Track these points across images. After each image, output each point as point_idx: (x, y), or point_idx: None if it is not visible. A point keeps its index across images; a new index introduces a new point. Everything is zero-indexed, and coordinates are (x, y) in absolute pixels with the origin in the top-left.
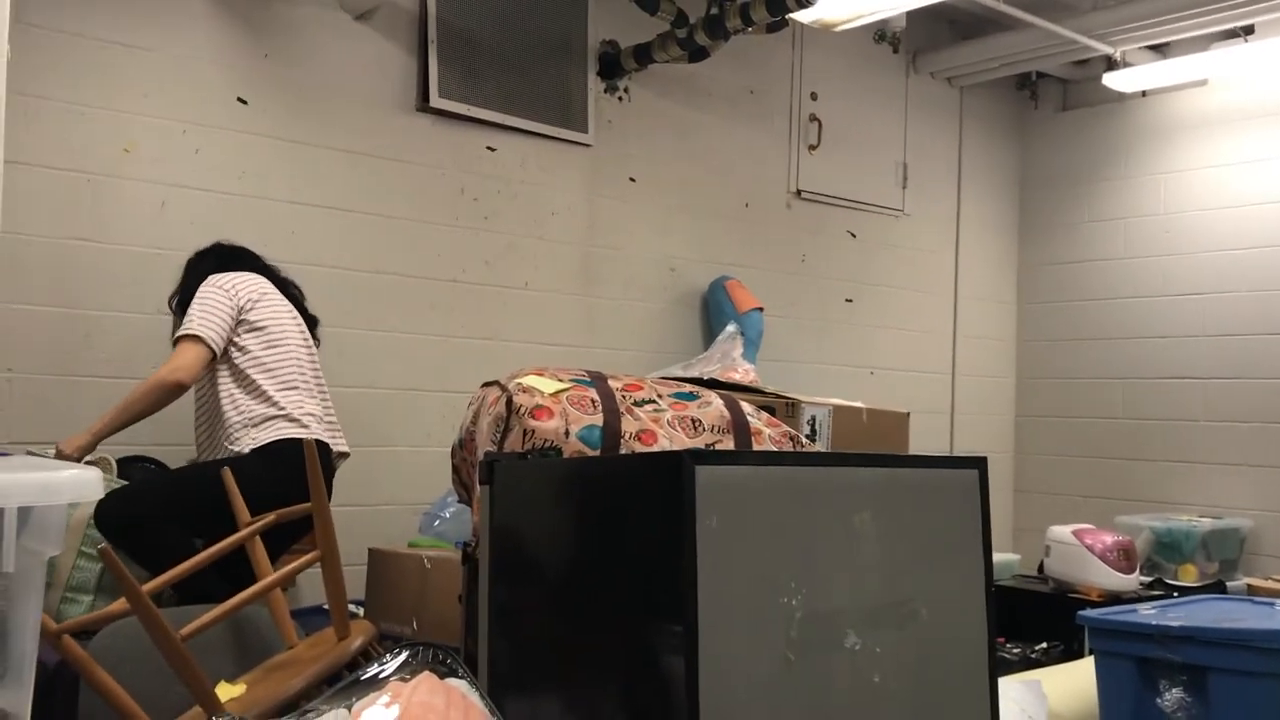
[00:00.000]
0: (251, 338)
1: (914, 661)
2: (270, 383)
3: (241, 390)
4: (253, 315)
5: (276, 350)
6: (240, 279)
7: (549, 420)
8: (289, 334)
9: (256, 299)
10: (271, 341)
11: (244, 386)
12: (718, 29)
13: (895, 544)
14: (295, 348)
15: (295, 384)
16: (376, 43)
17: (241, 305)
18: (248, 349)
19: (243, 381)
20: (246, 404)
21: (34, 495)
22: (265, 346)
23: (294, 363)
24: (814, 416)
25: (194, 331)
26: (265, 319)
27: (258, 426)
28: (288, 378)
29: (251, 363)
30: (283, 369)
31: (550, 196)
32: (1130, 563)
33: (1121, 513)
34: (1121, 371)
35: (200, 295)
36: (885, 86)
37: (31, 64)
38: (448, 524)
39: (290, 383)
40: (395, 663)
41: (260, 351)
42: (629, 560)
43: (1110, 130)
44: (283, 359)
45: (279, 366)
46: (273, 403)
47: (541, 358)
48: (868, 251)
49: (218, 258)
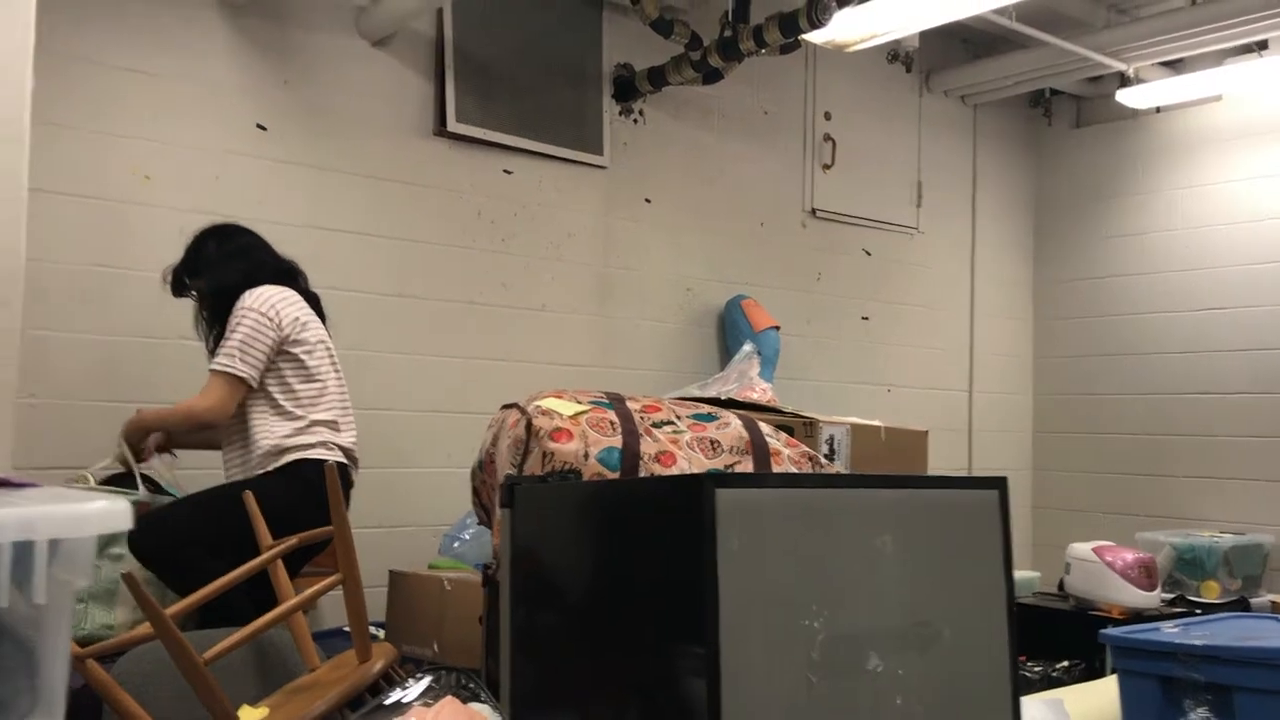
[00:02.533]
0: (291, 369)
1: (936, 683)
2: (306, 412)
3: (277, 417)
4: (295, 348)
5: (314, 383)
6: (283, 302)
7: (568, 443)
8: (324, 360)
9: (299, 327)
10: (310, 374)
11: (280, 414)
12: (731, 51)
13: (916, 565)
14: (329, 372)
15: (331, 407)
16: (394, 69)
17: (285, 336)
18: (288, 383)
19: (279, 411)
20: (280, 430)
21: (64, 528)
22: (304, 380)
23: (331, 390)
24: (832, 436)
25: (235, 372)
26: (305, 350)
27: (286, 452)
28: (324, 406)
29: (288, 396)
30: (321, 400)
31: (566, 218)
32: (1152, 580)
33: (1142, 529)
34: (1140, 387)
35: (243, 321)
36: (899, 105)
37: (54, 92)
38: (467, 545)
39: (326, 407)
40: (419, 688)
41: (299, 385)
42: (650, 583)
43: (1125, 147)
44: (320, 391)
45: (317, 399)
46: (305, 429)
47: (558, 379)
48: (883, 269)
49: (219, 240)
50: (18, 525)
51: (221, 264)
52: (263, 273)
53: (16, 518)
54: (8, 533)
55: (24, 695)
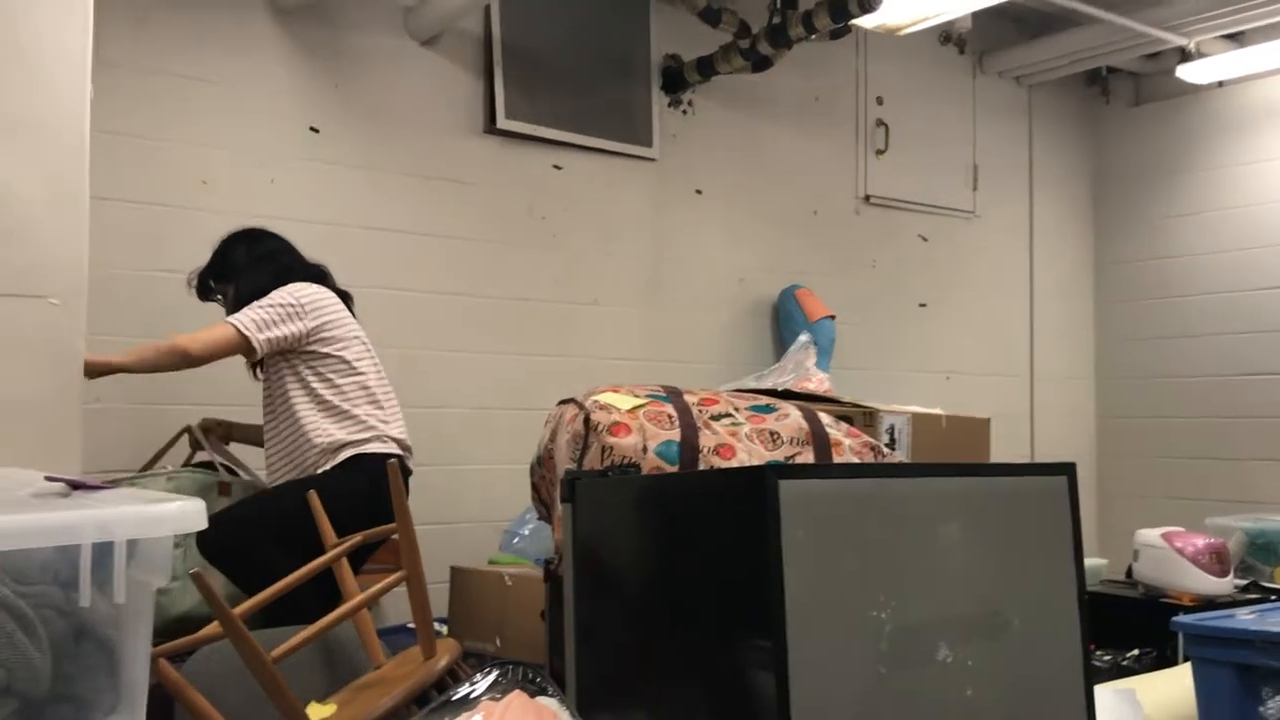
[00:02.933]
0: (331, 364)
1: (1007, 673)
2: (352, 406)
3: (325, 414)
4: (330, 345)
5: (356, 376)
6: (315, 296)
7: (627, 437)
8: (363, 354)
9: (332, 324)
10: (351, 368)
11: (327, 411)
12: (781, 38)
13: (984, 554)
14: (369, 365)
15: (375, 399)
16: (443, 68)
17: (310, 329)
18: (329, 378)
19: (325, 407)
20: (331, 426)
21: (140, 528)
22: (345, 374)
23: (373, 383)
24: (892, 425)
25: (243, 329)
26: (341, 346)
27: (343, 448)
28: (368, 398)
29: (333, 391)
30: (365, 393)
31: (617, 212)
32: (1224, 566)
33: (1211, 514)
34: (1206, 369)
35: (273, 300)
36: (952, 88)
37: (112, 102)
38: (526, 541)
39: (371, 400)
40: (485, 682)
41: (341, 380)
42: (714, 576)
43: (1186, 123)
44: (363, 384)
45: (361, 392)
46: (356, 424)
47: (612, 373)
48: (939, 255)
49: (249, 244)
50: (96, 527)
51: (252, 268)
52: (292, 275)
53: (95, 519)
54: (87, 534)
55: (106, 693)
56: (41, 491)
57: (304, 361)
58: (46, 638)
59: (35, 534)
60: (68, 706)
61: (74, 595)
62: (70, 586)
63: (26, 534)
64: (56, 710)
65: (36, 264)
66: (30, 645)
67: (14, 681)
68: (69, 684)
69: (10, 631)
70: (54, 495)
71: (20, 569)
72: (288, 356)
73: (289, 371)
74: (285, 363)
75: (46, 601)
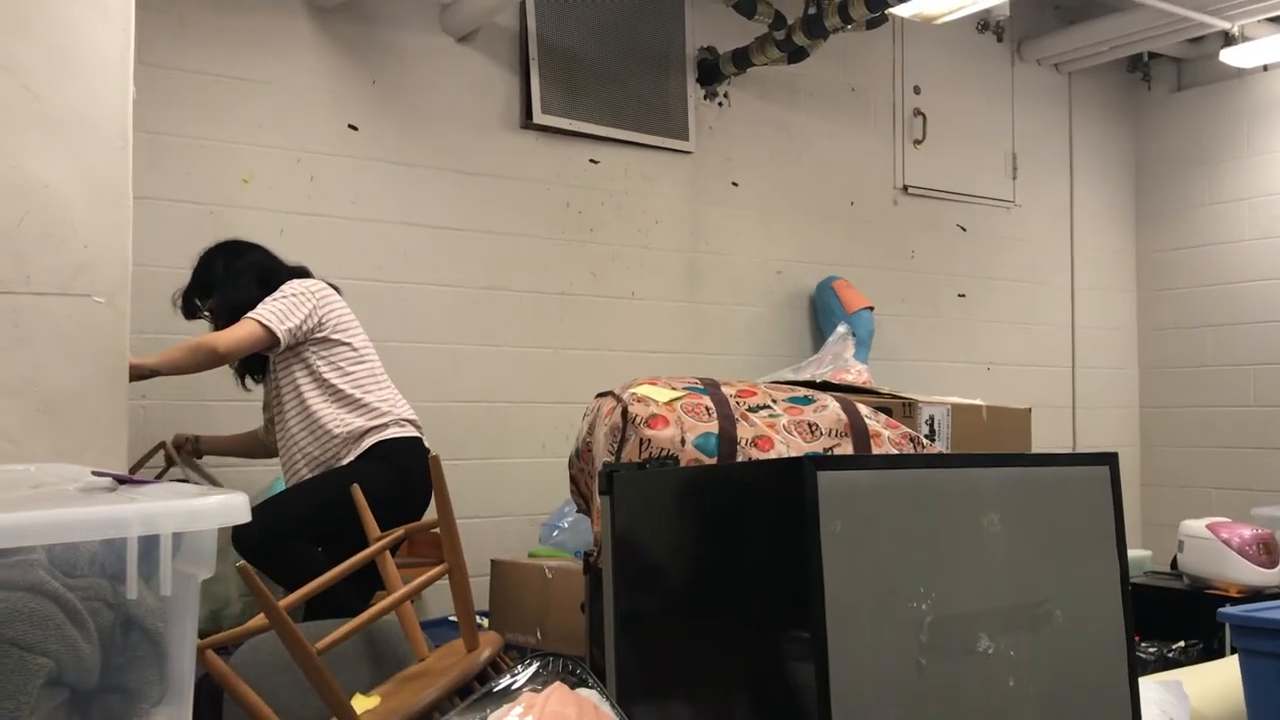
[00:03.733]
0: (341, 352)
1: (1049, 664)
2: (365, 394)
3: (340, 405)
4: (340, 332)
5: (365, 364)
6: (319, 287)
7: (665, 429)
8: (366, 341)
9: (339, 312)
10: (360, 355)
11: (341, 401)
12: (816, 28)
13: (1025, 545)
14: (372, 352)
15: (380, 382)
16: (480, 63)
17: (322, 316)
18: (341, 366)
19: (339, 397)
20: (349, 415)
21: (185, 521)
22: (355, 361)
23: (378, 369)
24: (932, 416)
25: (267, 322)
26: (350, 334)
27: (365, 435)
28: (377, 383)
29: (345, 379)
30: (374, 378)
31: (653, 205)
32: (1272, 557)
33: (1257, 504)
34: (1251, 358)
35: (285, 291)
36: (990, 76)
37: (154, 102)
38: (566, 534)
39: (378, 383)
40: (527, 673)
41: (351, 367)
42: (753, 567)
43: (1229, 108)
44: (371, 371)
45: (370, 377)
46: (372, 410)
47: (650, 366)
48: (979, 245)
49: (228, 258)
50: (142, 520)
51: (233, 280)
52: (278, 278)
53: (141, 513)
54: (133, 527)
55: (154, 685)
56: (89, 486)
57: (315, 353)
58: (95, 629)
59: (83, 527)
60: (116, 697)
61: (121, 588)
62: (118, 579)
63: (75, 527)
64: (105, 700)
65: (81, 264)
66: (79, 637)
67: (64, 672)
68: (117, 675)
69: (60, 623)
70: (101, 490)
71: (69, 562)
72: (299, 351)
73: (299, 366)
74: (295, 357)
75: (95, 594)
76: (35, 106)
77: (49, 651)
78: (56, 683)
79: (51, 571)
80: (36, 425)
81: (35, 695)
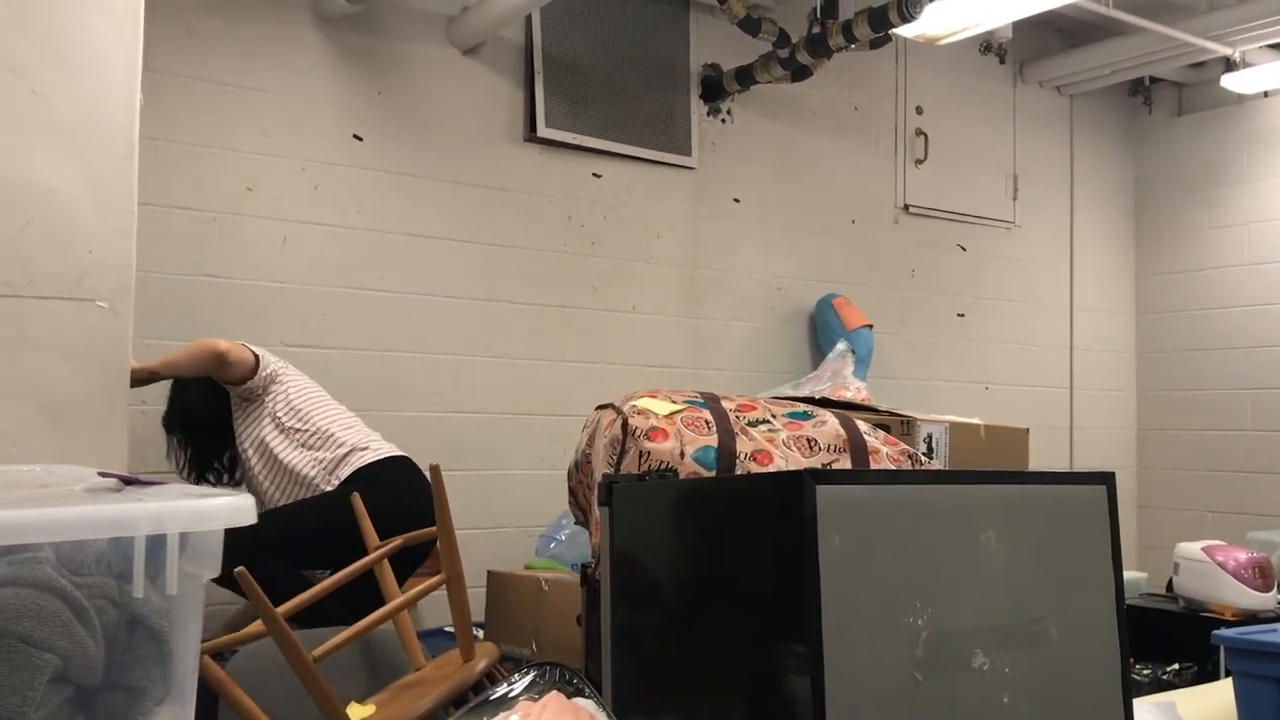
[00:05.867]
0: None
1: (1044, 682)
2: (323, 425)
3: (302, 449)
4: (276, 379)
5: (311, 394)
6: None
7: (664, 442)
8: (310, 384)
9: (269, 361)
10: (302, 388)
11: (302, 445)
12: (820, 47)
13: (1022, 562)
14: (319, 392)
15: (331, 412)
16: (485, 76)
17: (276, 370)
18: (291, 404)
19: (299, 442)
20: (317, 454)
21: (193, 521)
22: (298, 393)
23: (326, 398)
24: (930, 434)
25: (247, 345)
26: (282, 373)
27: (339, 465)
28: (328, 412)
29: (296, 418)
30: (323, 407)
31: (655, 220)
32: (1267, 580)
33: (1253, 528)
34: (1248, 382)
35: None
36: (993, 98)
37: (160, 109)
38: (563, 546)
39: (329, 413)
40: (523, 682)
41: (299, 402)
42: (751, 580)
43: (1230, 133)
44: (319, 400)
45: (317, 408)
46: (334, 441)
47: (650, 380)
48: (979, 265)
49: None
50: (150, 520)
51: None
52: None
53: (148, 512)
54: (141, 526)
55: (158, 684)
56: (95, 486)
57: (272, 401)
58: (101, 627)
59: (91, 526)
60: (120, 695)
61: (127, 586)
62: (124, 578)
63: (82, 526)
64: (110, 698)
65: (85, 268)
66: (85, 634)
67: (69, 669)
68: (122, 673)
69: (66, 621)
70: (107, 490)
71: (76, 560)
72: (255, 406)
73: (260, 420)
74: (254, 415)
75: (101, 592)
76: (43, 111)
77: (55, 648)
78: (61, 679)
79: (59, 569)
80: (37, 428)
81: (41, 691)
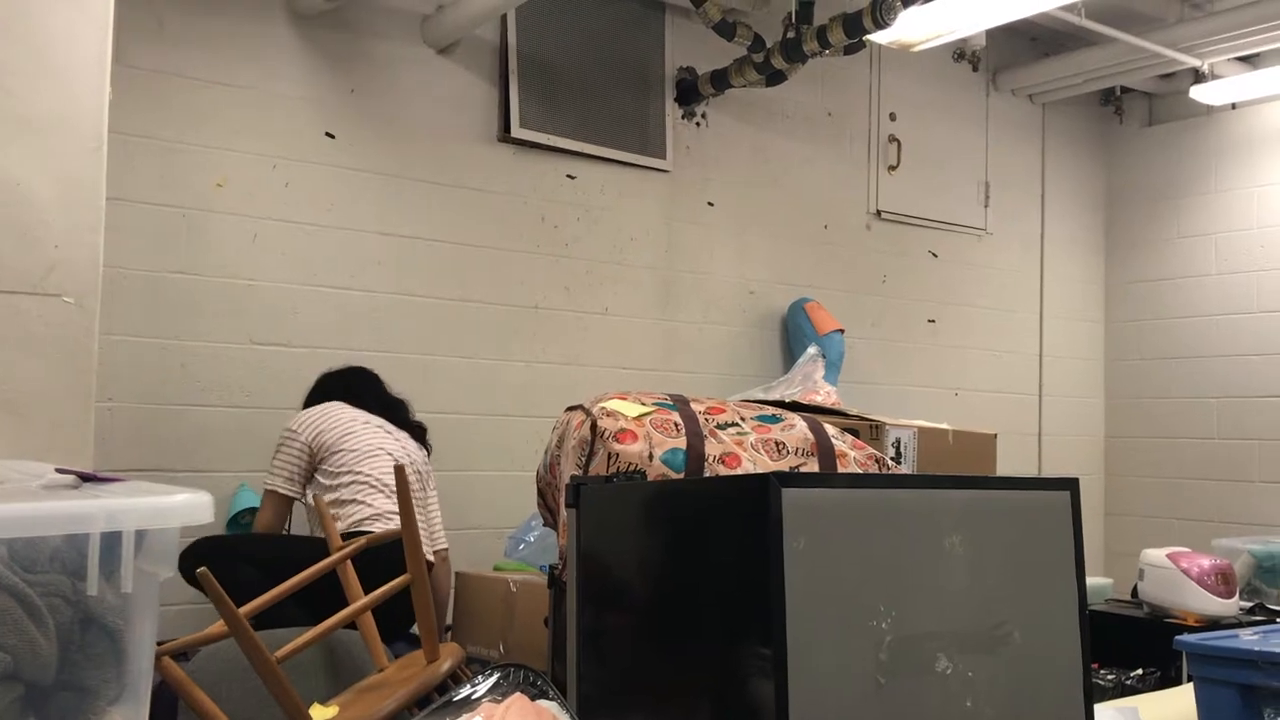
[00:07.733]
0: (322, 470)
1: (1007, 686)
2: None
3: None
4: (329, 459)
5: (344, 475)
6: (314, 416)
7: (633, 444)
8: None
9: (330, 437)
10: (338, 470)
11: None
12: (795, 52)
13: (986, 567)
14: (360, 461)
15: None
16: (459, 76)
17: (310, 442)
18: (320, 483)
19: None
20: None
21: (149, 519)
22: (330, 474)
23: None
24: (899, 439)
25: (270, 486)
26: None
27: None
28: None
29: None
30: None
31: (629, 222)
32: (1229, 587)
33: (1218, 535)
34: (1215, 390)
35: (278, 441)
36: (965, 105)
37: (130, 104)
38: (532, 548)
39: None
40: (487, 684)
41: (326, 480)
42: (716, 583)
43: (1199, 144)
44: (353, 479)
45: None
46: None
47: (621, 382)
48: (950, 271)
49: (322, 390)
50: (106, 516)
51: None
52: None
53: (104, 509)
54: (96, 523)
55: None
56: (52, 483)
57: (320, 472)
58: (54, 625)
59: (45, 522)
60: (73, 694)
61: (81, 584)
62: (78, 575)
63: (36, 522)
64: (61, 697)
65: (52, 263)
66: (37, 632)
67: (21, 668)
68: (75, 671)
69: (18, 618)
70: (64, 486)
71: (29, 557)
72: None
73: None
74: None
75: (54, 590)
76: (9, 104)
77: (6, 646)
78: (13, 678)
79: (11, 566)
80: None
81: None
